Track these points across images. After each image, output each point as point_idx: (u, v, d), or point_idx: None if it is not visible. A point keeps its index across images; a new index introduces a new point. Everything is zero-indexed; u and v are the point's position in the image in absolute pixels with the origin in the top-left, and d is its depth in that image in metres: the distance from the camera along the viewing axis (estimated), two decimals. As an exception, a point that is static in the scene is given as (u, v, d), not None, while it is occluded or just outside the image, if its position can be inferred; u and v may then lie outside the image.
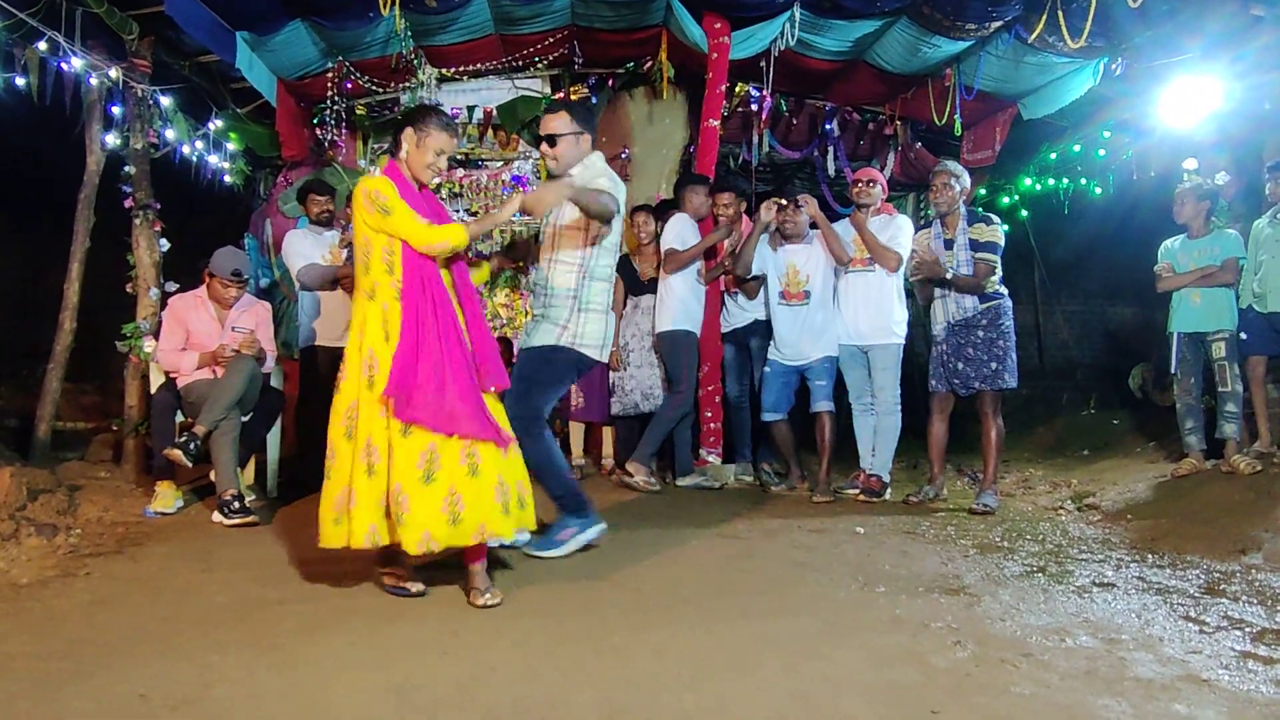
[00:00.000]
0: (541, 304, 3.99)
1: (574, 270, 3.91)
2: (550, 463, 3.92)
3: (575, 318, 3.91)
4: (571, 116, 3.93)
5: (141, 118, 6.00)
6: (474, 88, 7.70)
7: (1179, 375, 5.47)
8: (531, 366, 3.95)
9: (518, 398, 3.76)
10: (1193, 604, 3.25)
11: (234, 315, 5.11)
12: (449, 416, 3.15)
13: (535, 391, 3.90)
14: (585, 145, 3.97)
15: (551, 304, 3.94)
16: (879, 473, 5.56)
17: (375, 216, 3.22)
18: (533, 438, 3.80)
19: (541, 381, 3.93)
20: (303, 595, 3.35)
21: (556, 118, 3.94)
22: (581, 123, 3.96)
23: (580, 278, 3.91)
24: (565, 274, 3.91)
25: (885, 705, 2.29)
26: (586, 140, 3.98)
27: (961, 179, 5.26)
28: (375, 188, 3.23)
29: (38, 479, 4.51)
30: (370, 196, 3.22)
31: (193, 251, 5.61)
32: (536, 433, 3.85)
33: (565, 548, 3.88)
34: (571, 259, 3.91)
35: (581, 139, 3.94)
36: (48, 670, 2.51)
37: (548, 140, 3.92)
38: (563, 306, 3.91)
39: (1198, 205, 5.45)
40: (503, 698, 2.34)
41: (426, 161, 3.35)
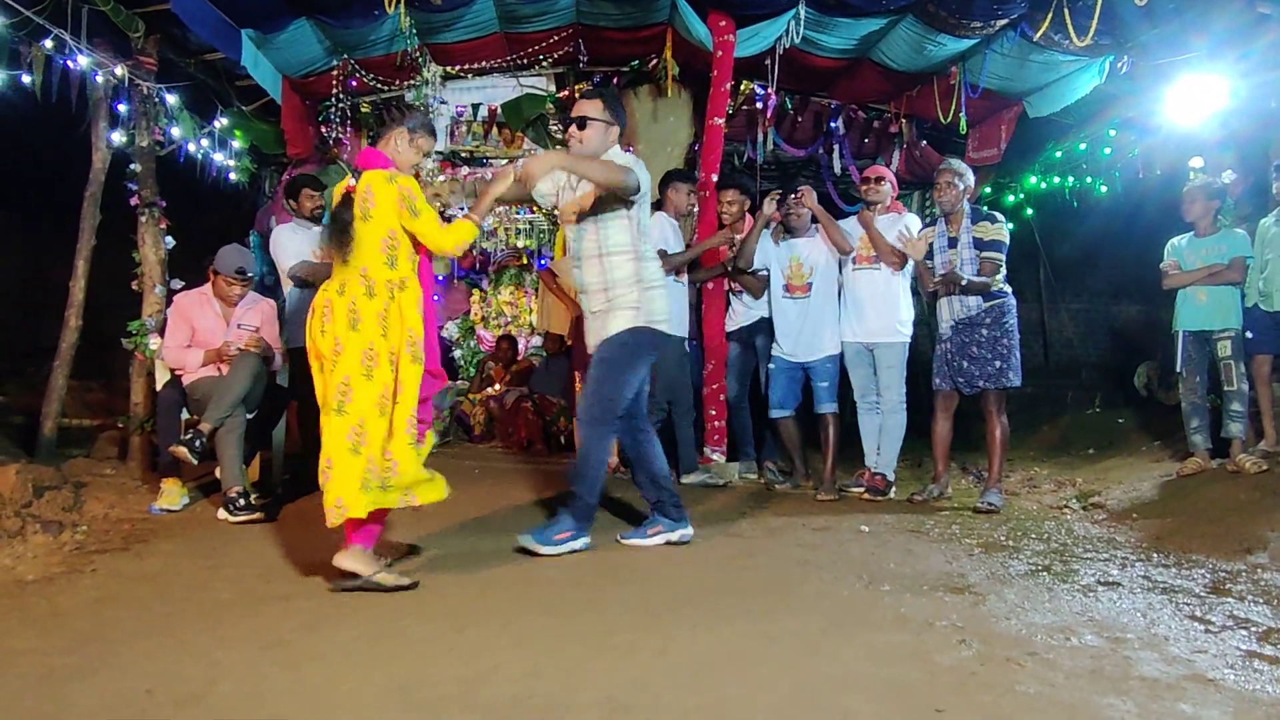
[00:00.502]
0: (604, 300, 3.97)
1: (629, 257, 3.93)
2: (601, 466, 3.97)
3: (643, 297, 3.93)
4: (605, 105, 3.96)
5: (147, 115, 6.01)
6: (478, 85, 7.72)
7: (1184, 374, 5.46)
8: (607, 353, 3.94)
9: (598, 387, 3.87)
10: (1198, 603, 3.24)
11: (239, 313, 5.12)
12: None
13: (609, 381, 3.89)
14: (613, 138, 3.99)
15: (616, 293, 3.93)
16: (884, 471, 5.56)
17: (405, 214, 3.43)
18: (599, 432, 3.89)
19: (618, 366, 3.91)
20: (307, 591, 3.36)
21: (591, 103, 3.96)
22: (614, 114, 3.99)
23: (636, 262, 3.94)
24: (623, 264, 3.92)
25: (889, 703, 2.29)
26: (615, 133, 3.99)
27: (965, 177, 5.25)
28: (408, 187, 3.44)
29: (44, 476, 4.52)
30: (404, 197, 3.42)
31: (198, 249, 5.62)
32: (605, 428, 3.91)
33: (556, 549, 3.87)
34: (624, 248, 3.92)
35: (610, 130, 3.96)
36: (53, 666, 2.52)
37: (578, 123, 3.93)
38: (629, 291, 3.92)
39: (1208, 204, 5.44)
40: (506, 695, 2.34)
41: (413, 161, 3.65)
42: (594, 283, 3.98)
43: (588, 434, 3.96)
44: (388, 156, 3.58)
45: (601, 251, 3.94)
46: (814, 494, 5.56)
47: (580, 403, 3.89)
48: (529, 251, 8.49)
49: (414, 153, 3.66)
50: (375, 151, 3.60)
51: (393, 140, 3.60)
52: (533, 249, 8.43)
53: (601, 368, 3.93)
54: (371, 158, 3.57)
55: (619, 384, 3.90)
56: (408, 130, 3.61)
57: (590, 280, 4.00)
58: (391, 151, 3.60)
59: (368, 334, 3.35)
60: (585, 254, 3.99)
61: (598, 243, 3.94)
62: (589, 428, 3.94)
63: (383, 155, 3.58)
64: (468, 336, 8.93)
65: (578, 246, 4.03)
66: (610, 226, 3.92)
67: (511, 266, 8.75)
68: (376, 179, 3.43)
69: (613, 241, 3.92)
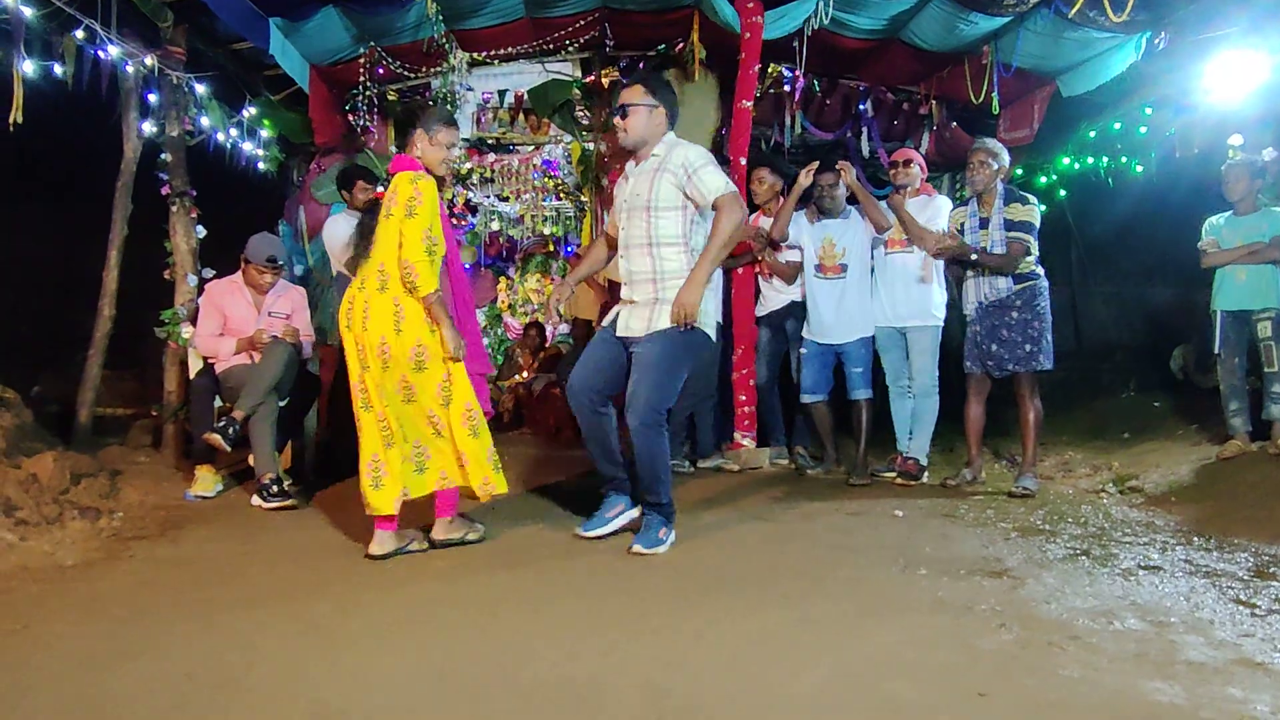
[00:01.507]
0: (652, 291, 3.77)
1: (680, 249, 3.76)
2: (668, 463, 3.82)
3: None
4: (646, 89, 3.80)
5: (177, 105, 6.04)
6: (505, 72, 7.70)
7: (1223, 355, 5.36)
8: (658, 350, 3.71)
9: (655, 387, 3.67)
10: (1243, 587, 3.18)
11: (270, 300, 5.15)
12: None
13: (660, 382, 3.70)
14: (660, 120, 3.81)
15: (666, 285, 3.75)
16: (916, 456, 5.51)
17: (402, 210, 3.55)
18: (659, 430, 3.71)
19: (668, 365, 3.72)
20: (341, 576, 3.37)
21: (630, 89, 3.82)
22: (658, 96, 3.81)
23: (689, 255, 3.77)
24: (675, 256, 3.76)
25: (931, 687, 2.26)
26: (661, 115, 3.82)
27: (1000, 157, 5.16)
28: (423, 192, 3.57)
29: (80, 464, 4.57)
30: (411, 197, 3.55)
31: (228, 238, 5.66)
32: (661, 428, 3.73)
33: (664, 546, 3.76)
34: (676, 238, 3.76)
35: (655, 112, 3.79)
36: (95, 650, 2.54)
37: (620, 111, 3.80)
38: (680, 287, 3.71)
39: (1250, 182, 5.33)
40: (543, 678, 2.33)
41: (441, 157, 3.75)
42: (642, 272, 3.80)
43: (645, 438, 3.68)
44: (415, 160, 3.71)
45: (653, 241, 3.76)
46: (846, 479, 5.52)
47: (631, 406, 3.66)
48: (556, 239, 8.46)
49: (438, 150, 3.74)
50: (404, 157, 3.73)
51: (415, 145, 3.72)
52: (559, 236, 8.41)
53: (651, 369, 3.69)
54: (402, 163, 3.70)
55: (670, 385, 3.74)
56: (425, 131, 3.71)
57: (638, 269, 3.81)
58: (418, 155, 3.72)
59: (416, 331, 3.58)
60: (633, 241, 3.81)
61: (648, 232, 3.76)
62: (645, 431, 3.67)
63: (411, 159, 3.70)
64: (495, 324, 8.92)
65: (625, 233, 3.85)
66: (664, 216, 3.74)
67: (538, 254, 8.73)
68: (402, 179, 3.62)
69: (665, 232, 3.75)
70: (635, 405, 3.65)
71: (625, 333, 3.84)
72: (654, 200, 3.74)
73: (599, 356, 3.92)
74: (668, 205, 3.73)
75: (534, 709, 2.15)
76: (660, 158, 3.78)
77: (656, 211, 3.74)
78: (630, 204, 3.82)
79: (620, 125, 3.82)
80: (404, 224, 3.55)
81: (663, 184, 3.72)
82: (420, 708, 2.15)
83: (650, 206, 3.75)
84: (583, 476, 5.29)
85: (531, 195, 8.26)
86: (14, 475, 4.08)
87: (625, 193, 3.89)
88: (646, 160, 3.82)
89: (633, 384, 3.71)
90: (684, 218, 3.76)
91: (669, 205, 3.73)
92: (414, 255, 3.53)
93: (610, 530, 3.87)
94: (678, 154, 3.75)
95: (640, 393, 3.66)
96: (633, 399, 3.66)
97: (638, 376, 3.71)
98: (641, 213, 3.77)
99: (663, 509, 3.80)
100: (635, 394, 3.67)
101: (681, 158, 3.73)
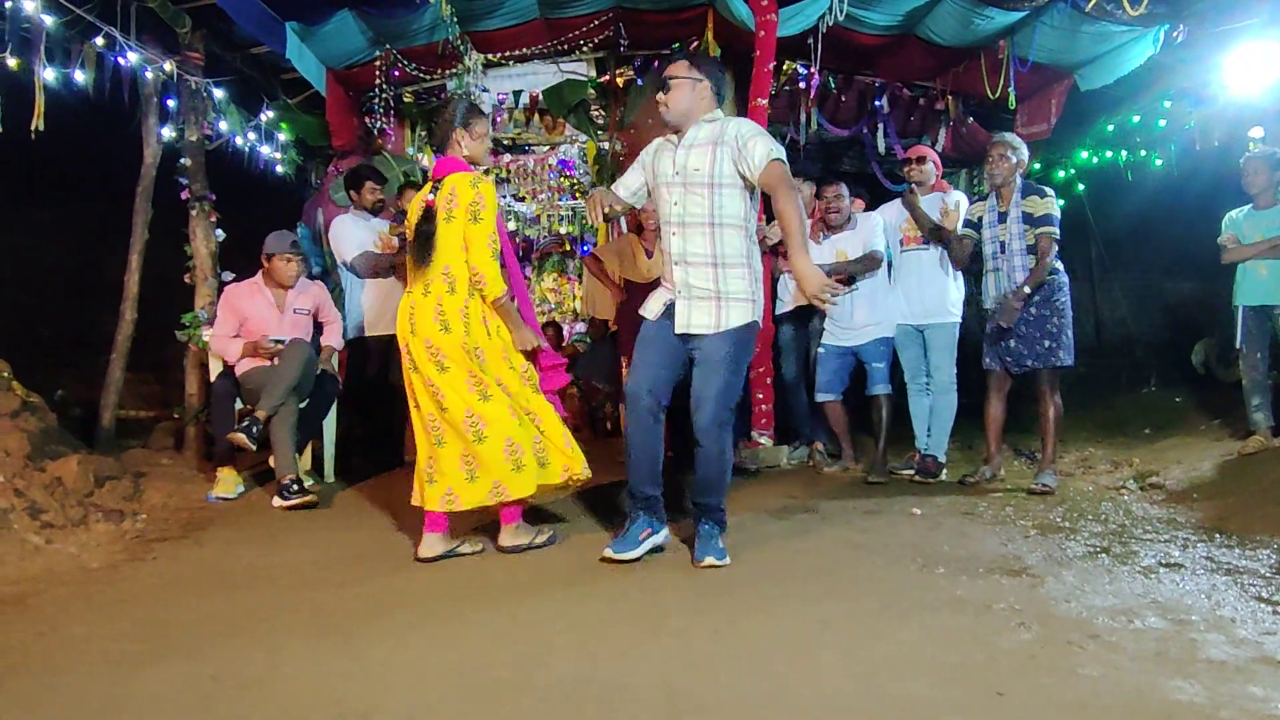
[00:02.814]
0: (712, 278, 3.52)
1: (741, 233, 3.53)
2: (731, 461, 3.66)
3: (756, 288, 3.57)
4: (690, 63, 3.61)
5: (196, 110, 6.10)
6: (520, 73, 7.72)
7: (1244, 350, 5.32)
8: (726, 351, 3.51)
9: (726, 386, 3.50)
10: (1264, 584, 3.16)
11: (292, 298, 5.19)
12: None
13: (730, 384, 3.52)
14: (705, 94, 3.59)
15: (728, 276, 3.51)
16: (935, 453, 5.50)
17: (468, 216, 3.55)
18: (729, 430, 3.55)
19: (735, 365, 3.53)
20: (362, 577, 3.39)
21: (677, 64, 3.63)
22: (702, 70, 3.60)
23: (748, 239, 3.56)
24: (735, 237, 3.51)
25: (949, 687, 2.26)
26: (706, 89, 3.58)
27: (1019, 151, 5.14)
28: (484, 195, 3.56)
29: (104, 466, 4.62)
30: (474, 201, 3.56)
31: (248, 241, 5.70)
32: (732, 423, 3.57)
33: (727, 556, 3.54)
34: (739, 219, 3.52)
35: (699, 86, 3.57)
36: (120, 652, 2.57)
37: (662, 86, 3.61)
38: (741, 276, 3.52)
39: (1271, 175, 5.29)
40: (562, 678, 2.35)
41: (485, 149, 3.75)
42: (699, 255, 3.52)
43: (716, 436, 3.49)
44: (462, 160, 3.69)
45: (714, 220, 3.50)
46: (863, 477, 5.51)
47: (701, 406, 3.48)
48: (572, 238, 8.49)
49: (479, 141, 3.72)
50: (449, 159, 3.70)
51: (456, 144, 3.69)
52: (575, 235, 8.43)
53: (722, 368, 3.48)
54: (449, 165, 3.67)
55: (738, 382, 3.57)
56: (461, 128, 3.68)
57: (695, 250, 3.52)
58: (463, 154, 3.70)
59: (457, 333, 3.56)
60: (691, 219, 3.52)
61: (710, 209, 3.49)
62: (716, 430, 3.48)
63: (457, 160, 3.68)
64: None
65: (680, 210, 3.55)
66: (727, 193, 3.49)
67: (555, 253, 8.77)
68: (461, 181, 3.59)
69: (728, 210, 3.49)
70: (705, 405, 3.48)
71: (686, 329, 3.55)
72: (717, 176, 3.49)
73: (659, 356, 3.62)
74: (731, 182, 3.49)
75: (554, 708, 2.16)
76: (718, 129, 3.54)
77: (720, 189, 3.49)
78: (687, 179, 3.53)
79: (662, 100, 3.62)
80: (469, 229, 3.54)
81: (725, 158, 3.48)
82: (442, 708, 2.17)
83: (714, 183, 3.49)
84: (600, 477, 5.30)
85: (547, 195, 8.30)
86: (39, 479, 4.13)
87: (670, 166, 3.60)
88: (696, 130, 3.58)
89: (701, 384, 3.52)
90: (745, 197, 3.53)
91: (732, 182, 3.49)
92: (481, 260, 3.53)
93: (640, 554, 3.57)
94: (731, 126, 3.54)
95: (710, 393, 3.48)
96: (702, 399, 3.49)
97: (706, 376, 3.51)
98: (703, 189, 3.50)
99: (720, 515, 3.61)
100: (704, 394, 3.49)
101: (735, 130, 3.51)
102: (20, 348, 5.32)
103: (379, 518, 4.53)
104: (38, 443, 4.35)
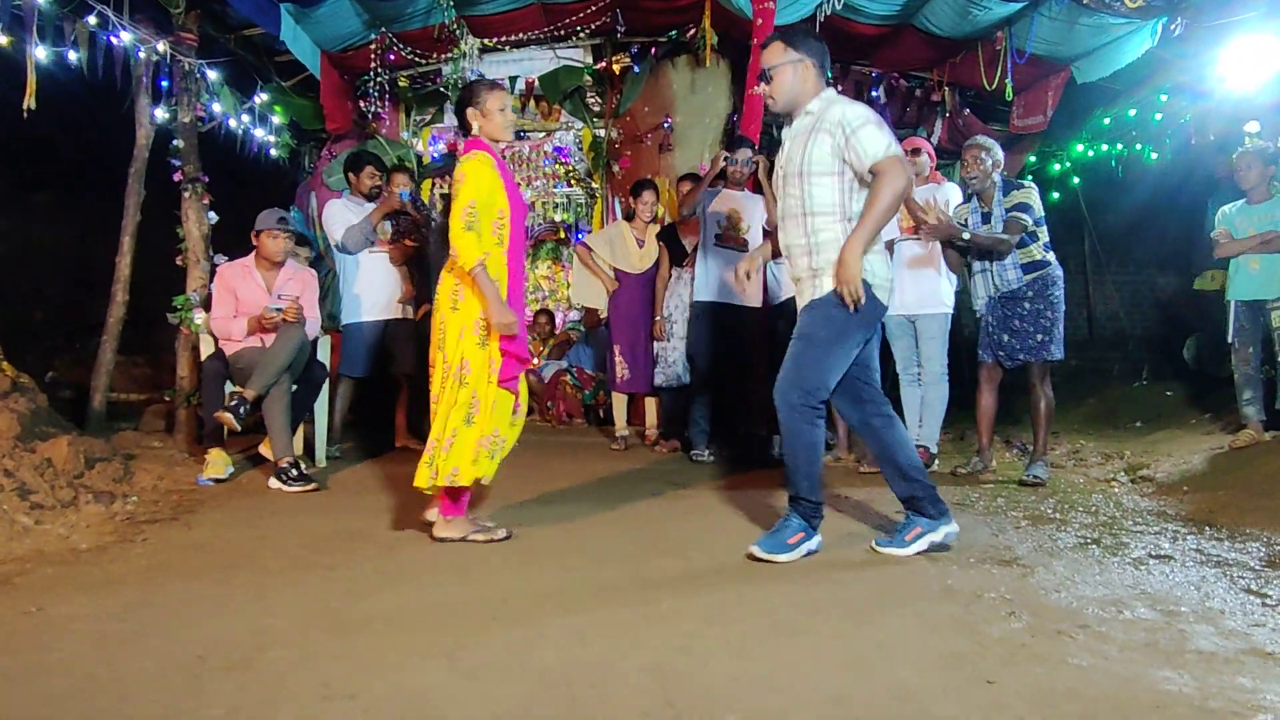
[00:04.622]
0: (809, 264, 3.41)
1: (836, 218, 3.36)
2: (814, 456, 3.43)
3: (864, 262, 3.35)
4: (787, 44, 3.42)
5: (189, 91, 6.04)
6: (515, 58, 7.70)
7: (1237, 345, 5.33)
8: (810, 321, 3.38)
9: (806, 364, 3.33)
10: (1254, 577, 3.17)
11: (280, 282, 5.15)
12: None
13: (810, 357, 3.34)
14: (809, 74, 3.42)
15: (825, 257, 3.36)
16: (926, 444, 5.49)
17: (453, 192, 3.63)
18: (806, 416, 3.35)
19: (821, 337, 3.34)
20: (352, 560, 3.38)
21: (770, 49, 3.44)
22: (801, 49, 3.41)
23: (845, 223, 3.36)
24: (829, 225, 3.36)
25: (940, 674, 2.27)
26: (809, 68, 3.41)
27: (993, 152, 5.14)
28: (465, 173, 3.58)
29: (94, 448, 4.59)
30: (457, 178, 3.60)
31: (240, 224, 5.66)
32: (810, 413, 3.35)
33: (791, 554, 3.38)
34: (831, 207, 3.36)
35: (801, 67, 3.40)
36: (107, 631, 2.56)
37: (763, 78, 3.45)
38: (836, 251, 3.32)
39: (1264, 170, 5.29)
40: (553, 662, 2.34)
41: (499, 123, 3.73)
42: (797, 245, 3.44)
43: (787, 422, 3.37)
44: (484, 140, 3.73)
45: (806, 210, 3.38)
46: (855, 466, 5.52)
47: (777, 385, 3.36)
48: (567, 225, 8.46)
49: (492, 117, 3.72)
50: (471, 140, 3.75)
51: (472, 124, 3.73)
52: (570, 223, 8.40)
53: (805, 344, 3.35)
54: (469, 146, 3.73)
55: (823, 360, 3.34)
56: (475, 109, 3.71)
57: (793, 242, 3.46)
58: (485, 134, 3.74)
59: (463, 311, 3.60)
60: (789, 211, 3.46)
61: (802, 200, 3.39)
62: (788, 414, 3.35)
63: (477, 140, 3.73)
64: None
65: (782, 204, 3.50)
66: (819, 183, 3.35)
67: (549, 240, 8.72)
68: (461, 161, 3.68)
69: (819, 200, 3.36)
70: (780, 383, 3.35)
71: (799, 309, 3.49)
72: (807, 165, 3.37)
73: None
74: (822, 170, 3.35)
75: (544, 692, 2.16)
76: (815, 116, 3.39)
77: (810, 178, 3.36)
78: (785, 170, 3.46)
79: (766, 93, 3.47)
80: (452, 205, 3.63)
81: (817, 146, 3.34)
82: (431, 691, 2.17)
83: (804, 172, 3.37)
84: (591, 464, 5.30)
85: (543, 182, 8.27)
86: (29, 459, 4.10)
87: (781, 159, 3.53)
88: (799, 119, 3.45)
89: (785, 361, 3.40)
90: (841, 184, 3.36)
91: (824, 170, 3.35)
92: (454, 232, 3.55)
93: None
94: (835, 111, 3.34)
95: (789, 370, 3.35)
96: (780, 377, 3.36)
97: (790, 351, 3.39)
98: (795, 180, 3.40)
99: (802, 505, 3.44)
100: (783, 371, 3.36)
101: (839, 115, 3.31)
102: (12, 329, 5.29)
103: (369, 501, 4.51)
104: (28, 424, 4.32)
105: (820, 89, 3.45)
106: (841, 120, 3.30)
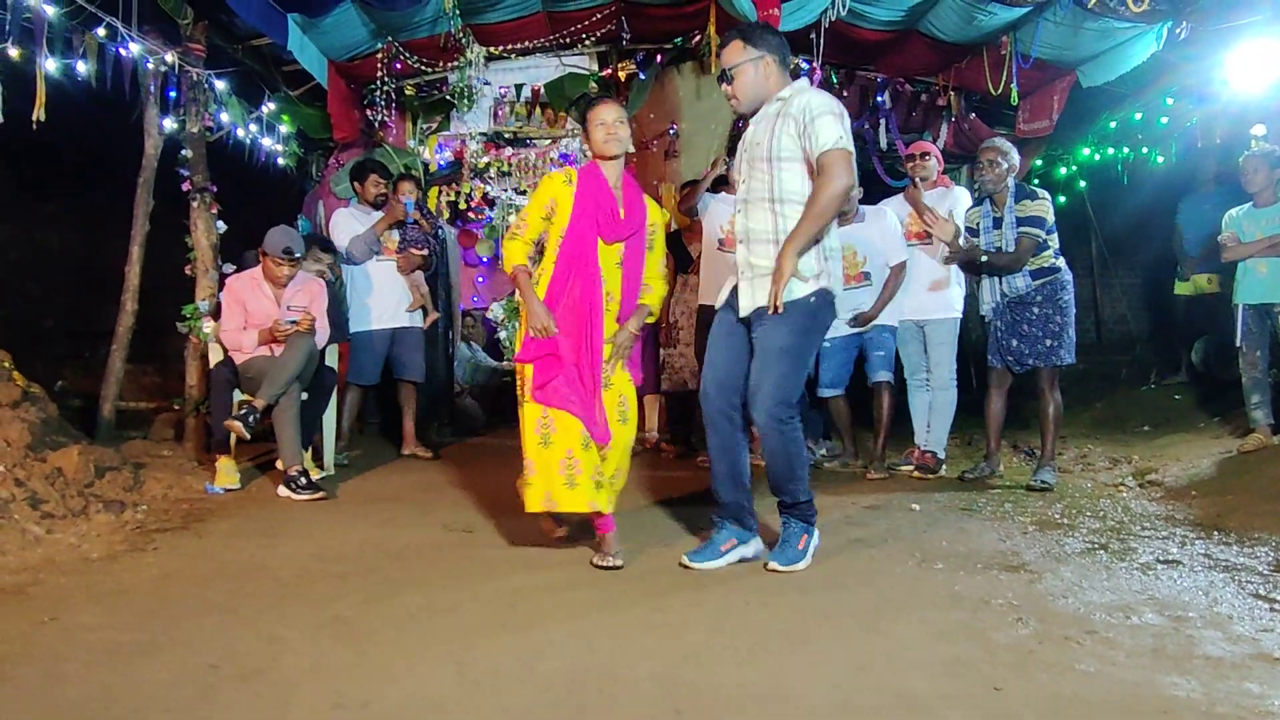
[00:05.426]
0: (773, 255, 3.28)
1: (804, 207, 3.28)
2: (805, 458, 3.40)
3: (824, 265, 3.32)
4: (745, 42, 3.36)
5: (197, 101, 6.08)
6: (521, 66, 7.71)
7: (1244, 348, 5.32)
8: (793, 330, 3.27)
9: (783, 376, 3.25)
10: (1263, 582, 3.17)
11: (289, 293, 5.18)
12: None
13: (790, 365, 3.28)
14: (771, 70, 3.36)
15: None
16: (934, 449, 5.50)
17: None
18: (791, 424, 3.29)
19: (797, 344, 3.28)
20: (363, 569, 3.40)
21: (729, 49, 3.38)
22: (759, 45, 3.35)
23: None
24: (798, 214, 3.26)
25: (946, 681, 2.27)
26: (770, 64, 3.35)
27: (1009, 156, 5.12)
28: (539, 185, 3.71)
29: (104, 457, 4.62)
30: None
31: (248, 234, 5.69)
32: (794, 417, 3.31)
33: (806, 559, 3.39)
34: (800, 197, 3.28)
35: (762, 63, 3.34)
36: (120, 641, 2.57)
37: (724, 78, 3.41)
38: (807, 256, 3.27)
39: (1271, 173, 5.29)
40: (562, 670, 2.35)
41: (601, 137, 3.59)
42: (761, 231, 3.34)
43: (777, 434, 3.28)
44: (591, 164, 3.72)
45: (775, 196, 3.31)
46: (863, 472, 5.52)
47: (756, 401, 3.26)
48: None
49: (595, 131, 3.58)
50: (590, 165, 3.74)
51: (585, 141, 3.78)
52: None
53: (778, 356, 3.26)
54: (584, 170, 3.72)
55: (799, 371, 3.33)
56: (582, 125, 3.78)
57: (757, 227, 3.35)
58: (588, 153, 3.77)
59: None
60: (754, 196, 3.37)
61: (770, 186, 3.31)
62: (776, 428, 3.27)
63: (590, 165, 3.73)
64: (513, 317, 8.95)
65: (745, 187, 3.41)
66: (787, 169, 3.29)
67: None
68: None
69: (788, 188, 3.29)
70: (761, 399, 3.25)
71: (750, 310, 3.36)
72: (775, 150, 3.31)
73: (728, 351, 3.45)
74: (791, 156, 3.29)
75: (552, 699, 2.17)
76: (784, 101, 3.34)
77: (779, 163, 3.30)
78: (750, 154, 3.40)
79: (729, 93, 3.43)
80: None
81: (784, 131, 3.29)
82: (441, 699, 2.18)
83: (771, 157, 3.31)
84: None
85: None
86: (40, 469, 4.13)
87: (745, 142, 3.47)
88: (769, 105, 3.38)
89: (756, 373, 3.30)
90: (808, 171, 3.29)
91: (792, 156, 3.29)
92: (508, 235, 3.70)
93: (722, 564, 3.38)
94: (802, 98, 3.30)
95: (766, 385, 3.25)
96: (757, 392, 3.26)
97: (762, 365, 3.28)
98: (762, 164, 3.34)
99: (800, 509, 3.40)
100: (760, 386, 3.27)
101: (805, 101, 3.28)
102: (22, 338, 5.32)
103: (378, 509, 4.53)
104: (38, 433, 4.35)
105: (785, 83, 3.40)
106: (806, 106, 3.27)
